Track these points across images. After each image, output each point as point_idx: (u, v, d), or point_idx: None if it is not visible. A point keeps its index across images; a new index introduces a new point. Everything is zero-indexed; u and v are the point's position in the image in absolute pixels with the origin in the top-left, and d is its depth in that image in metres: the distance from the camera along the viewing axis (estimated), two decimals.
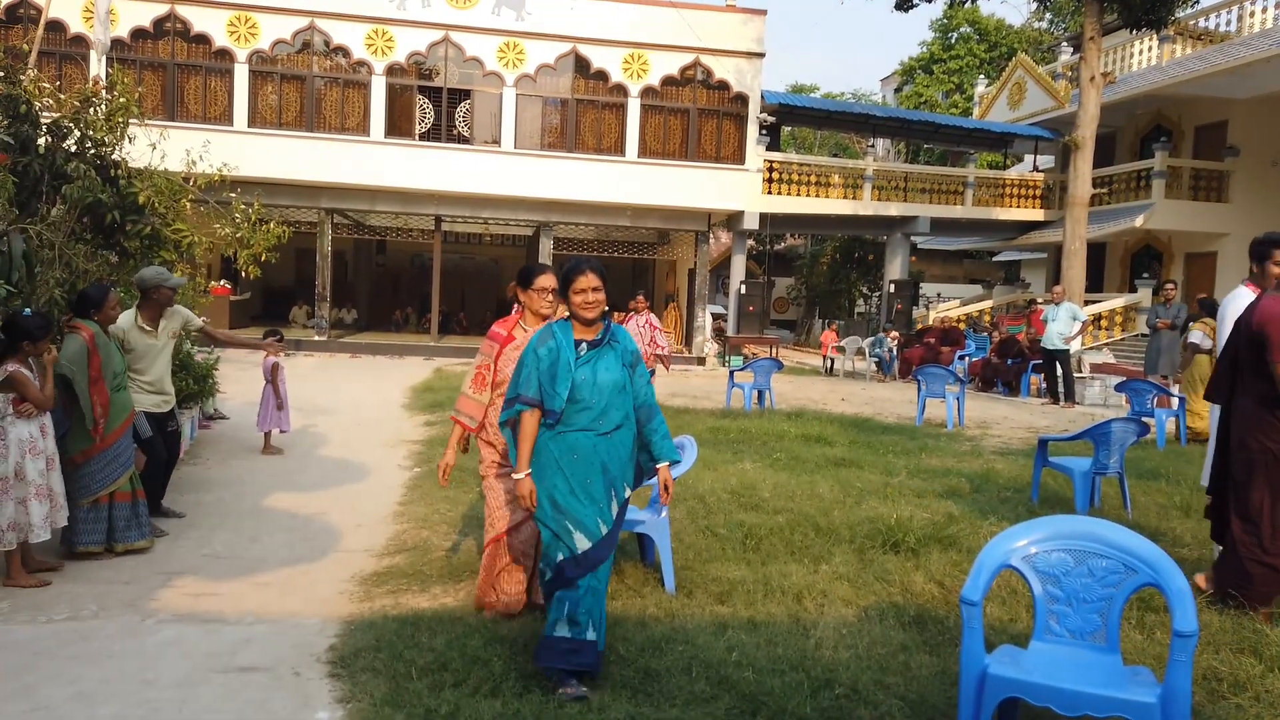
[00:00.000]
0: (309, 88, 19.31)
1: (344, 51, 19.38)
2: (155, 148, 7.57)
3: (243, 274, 8.80)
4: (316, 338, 20.28)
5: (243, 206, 7.80)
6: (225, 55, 18.95)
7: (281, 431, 8.58)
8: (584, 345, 3.65)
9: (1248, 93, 19.28)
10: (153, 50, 18.84)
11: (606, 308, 3.75)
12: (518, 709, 3.25)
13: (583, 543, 3.52)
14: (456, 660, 3.64)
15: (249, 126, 19.00)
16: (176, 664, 3.77)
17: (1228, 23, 20.63)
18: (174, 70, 18.84)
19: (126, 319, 5.85)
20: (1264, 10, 19.47)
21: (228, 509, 6.37)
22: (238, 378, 11.42)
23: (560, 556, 3.55)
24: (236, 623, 4.27)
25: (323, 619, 4.30)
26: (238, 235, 7.76)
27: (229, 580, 4.87)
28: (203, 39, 18.88)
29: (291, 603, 4.56)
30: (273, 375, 8.41)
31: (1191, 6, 17.72)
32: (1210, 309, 11.55)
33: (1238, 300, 5.01)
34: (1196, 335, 10.47)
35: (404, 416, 11.09)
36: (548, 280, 4.30)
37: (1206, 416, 10.20)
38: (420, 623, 4.10)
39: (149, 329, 5.91)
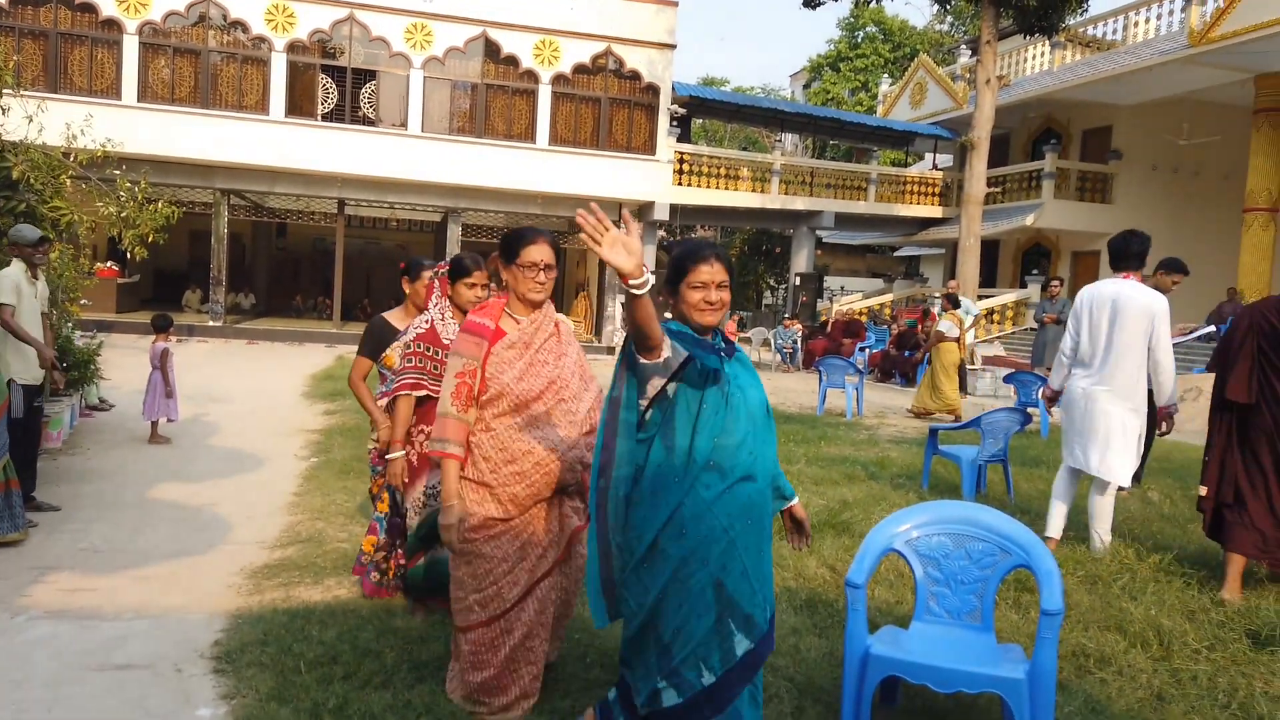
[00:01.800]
0: (204, 62, 18.54)
1: (242, 26, 18.67)
2: (32, 120, 7.19)
3: (129, 255, 8.42)
4: (211, 323, 19.55)
5: (128, 184, 7.46)
6: (113, 25, 18.03)
7: (169, 420, 8.24)
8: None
9: (1130, 99, 20.32)
10: (33, 17, 17.79)
11: None
12: (409, 700, 3.21)
13: (743, 645, 2.56)
14: (347, 653, 3.58)
15: (139, 101, 18.14)
16: (47, 663, 3.60)
17: (1114, 31, 21.66)
18: (56, 39, 17.83)
19: (17, 268, 5.71)
20: (1147, 21, 20.51)
21: (108, 501, 6.10)
22: (122, 364, 10.93)
23: (706, 677, 2.53)
24: (114, 619, 4.09)
25: (208, 614, 4.16)
26: (122, 215, 7.42)
27: (107, 575, 4.67)
28: (88, 7, 17.92)
29: (175, 597, 4.40)
30: (161, 361, 8.06)
31: (1081, 14, 18.54)
32: (956, 302, 12.73)
33: (1138, 292, 5.18)
34: (945, 325, 11.61)
35: (303, 405, 10.80)
36: (540, 252, 3.05)
37: (948, 397, 11.58)
38: (311, 615, 4.01)
39: (33, 280, 5.80)
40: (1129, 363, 5.17)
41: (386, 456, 3.93)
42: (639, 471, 2.57)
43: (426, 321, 3.92)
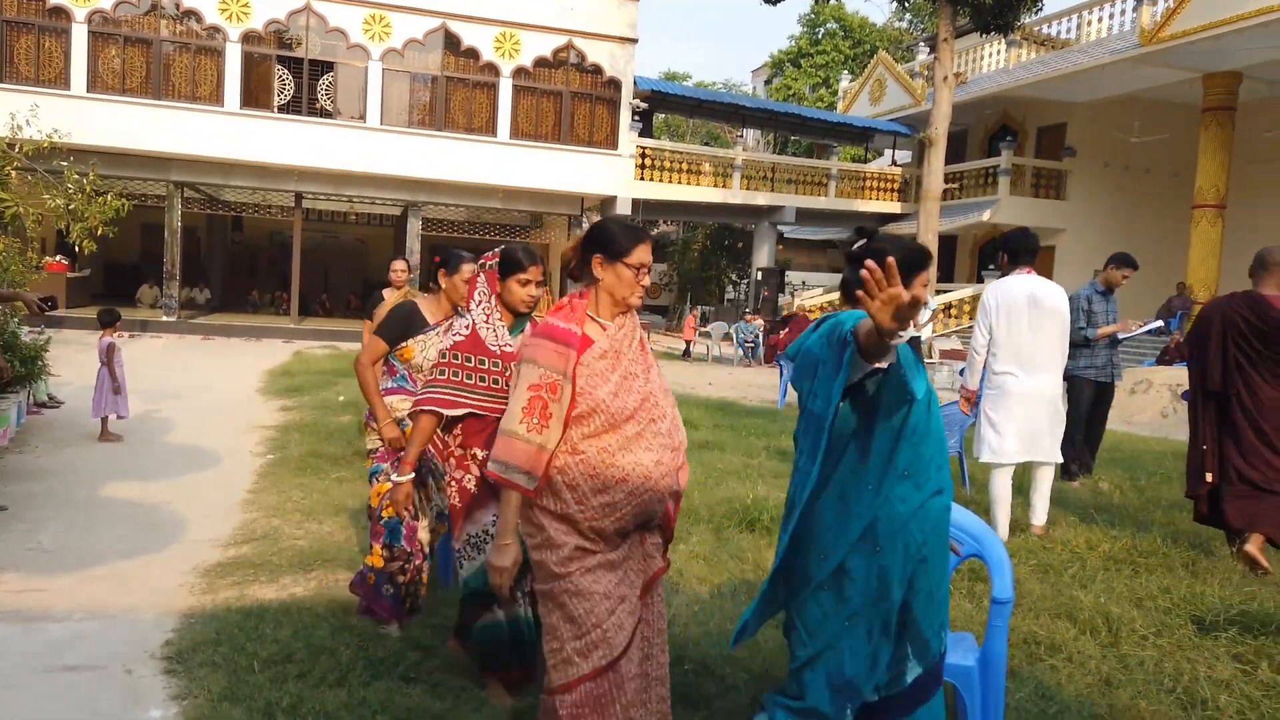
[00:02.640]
0: (156, 52, 18.16)
1: (195, 15, 18.32)
2: None
3: (78, 249, 8.24)
4: (165, 318, 19.20)
5: (76, 176, 7.29)
6: (61, 13, 17.60)
7: (119, 417, 8.07)
8: None
9: (1084, 97, 20.68)
10: None
11: None
12: (364, 697, 3.18)
13: (914, 671, 2.46)
14: (301, 651, 3.53)
15: (88, 91, 17.72)
16: None
17: (1068, 30, 22.03)
18: (1, 27, 17.35)
19: None
20: (1100, 20, 20.89)
21: (58, 499, 5.97)
22: (73, 360, 10.68)
23: (869, 696, 2.44)
24: (63, 620, 4.01)
25: (160, 613, 4.09)
26: (70, 207, 7.25)
27: (56, 575, 4.57)
28: None
29: (126, 597, 4.31)
30: (108, 356, 7.89)
31: (1036, 13, 18.82)
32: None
33: (1048, 287, 5.43)
34: None
35: (259, 401, 10.63)
36: (648, 253, 2.65)
37: None
38: (265, 614, 3.96)
39: None
40: (1055, 353, 5.39)
41: (395, 478, 3.43)
42: (825, 477, 2.40)
43: (466, 327, 3.33)
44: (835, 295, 25.15)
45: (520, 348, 2.62)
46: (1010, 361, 5.38)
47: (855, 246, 2.63)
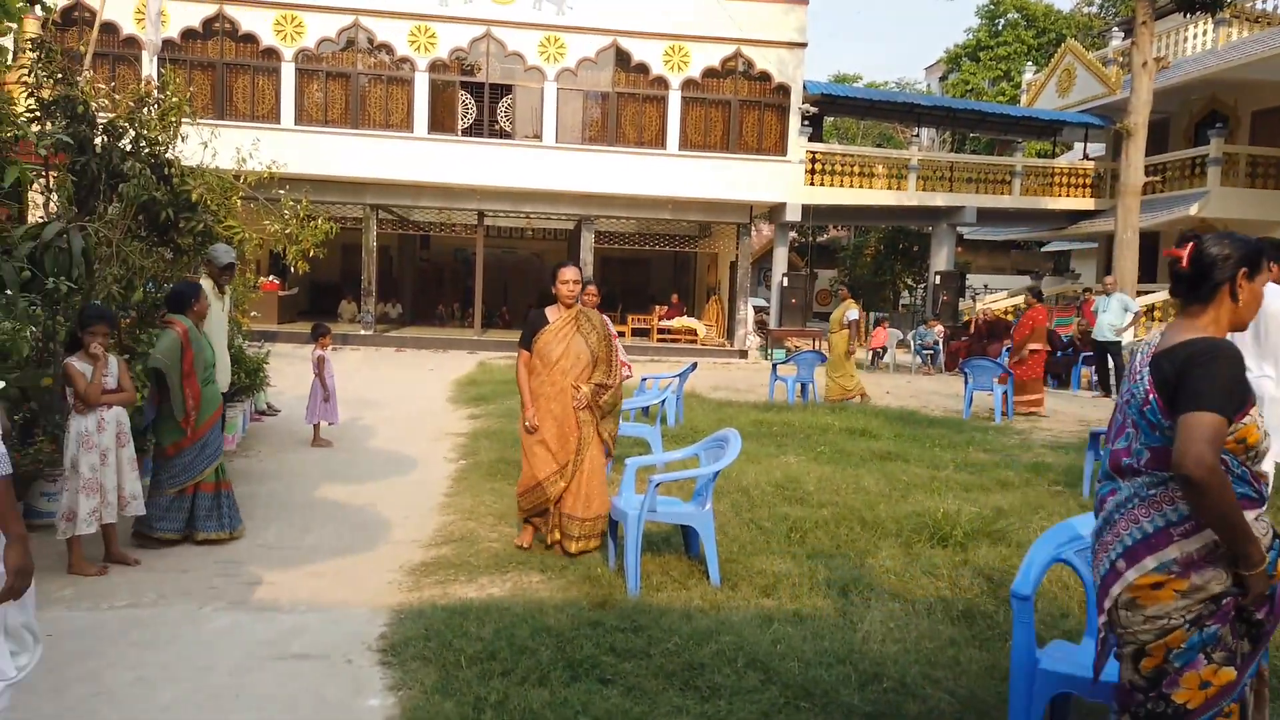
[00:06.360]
0: (353, 85, 19.55)
1: (387, 49, 19.59)
2: (207, 146, 7.74)
3: (291, 269, 8.95)
4: (363, 332, 20.58)
5: (291, 203, 7.93)
6: (272, 54, 19.26)
7: (330, 424, 8.72)
8: None
9: None
10: (202, 50, 19.21)
11: None
12: (565, 697, 3.27)
13: None
14: (504, 649, 3.68)
15: (295, 124, 19.29)
16: (232, 651, 3.86)
17: None
18: (222, 69, 19.18)
19: (207, 281, 6.34)
20: None
21: (279, 500, 6.50)
22: (285, 372, 11.62)
23: None
24: (290, 611, 4.35)
25: (373, 608, 4.37)
26: (287, 231, 7.88)
27: (282, 570, 4.97)
28: (250, 38, 19.20)
29: (342, 592, 4.64)
30: (318, 368, 8.56)
31: None
32: (855, 291, 13.47)
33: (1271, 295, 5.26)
34: (853, 313, 12.65)
35: (448, 410, 11.21)
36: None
37: (848, 382, 12.18)
38: (468, 612, 4.15)
39: (220, 295, 6.48)
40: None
41: None
42: None
43: None
44: (1019, 299, 23.86)
45: None
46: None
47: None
